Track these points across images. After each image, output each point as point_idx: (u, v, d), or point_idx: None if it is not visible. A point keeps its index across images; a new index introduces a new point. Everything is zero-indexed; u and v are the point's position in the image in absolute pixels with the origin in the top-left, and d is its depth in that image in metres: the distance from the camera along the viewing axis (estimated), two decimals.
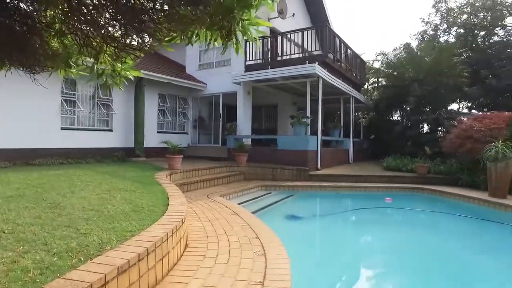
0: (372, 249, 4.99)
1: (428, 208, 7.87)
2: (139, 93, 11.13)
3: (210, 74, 13.73)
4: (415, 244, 5.26)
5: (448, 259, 4.77)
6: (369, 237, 5.45)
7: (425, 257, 4.74)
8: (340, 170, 11.21)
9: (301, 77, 11.29)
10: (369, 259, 4.78)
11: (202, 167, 9.01)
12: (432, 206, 7.96)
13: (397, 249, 5.07)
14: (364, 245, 5.18)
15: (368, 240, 5.28)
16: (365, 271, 4.54)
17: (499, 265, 4.47)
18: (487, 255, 4.93)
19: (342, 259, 4.84)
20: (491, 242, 5.59)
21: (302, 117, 10.93)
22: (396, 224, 6.42)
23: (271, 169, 10.19)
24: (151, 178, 6.32)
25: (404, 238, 5.64)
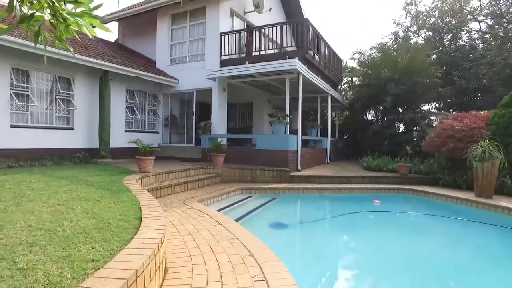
0: (372, 262, 4.48)
1: (418, 210, 7.54)
2: (104, 88, 10.09)
3: (182, 69, 12.87)
4: (417, 254, 4.82)
5: (456, 268, 4.38)
6: (366, 248, 4.91)
7: (429, 267, 4.31)
8: (321, 171, 10.78)
9: (281, 73, 10.75)
10: (371, 273, 4.26)
11: (176, 169, 8.20)
12: (421, 208, 7.66)
13: (399, 260, 4.61)
14: (362, 257, 4.64)
15: (366, 252, 4.76)
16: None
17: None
18: (498, 262, 4.60)
19: (340, 275, 4.30)
20: (497, 248, 5.30)
21: (282, 115, 10.38)
22: (392, 230, 5.95)
23: (250, 170, 9.56)
24: (119, 183, 5.47)
25: (404, 246, 5.20)
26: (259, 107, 15.85)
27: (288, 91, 10.78)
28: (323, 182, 9.54)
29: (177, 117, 13.74)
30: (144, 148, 7.05)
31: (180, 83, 12.90)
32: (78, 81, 9.93)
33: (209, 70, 11.32)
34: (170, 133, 13.54)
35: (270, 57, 11.21)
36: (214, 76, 11.23)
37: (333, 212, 6.81)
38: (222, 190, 7.78)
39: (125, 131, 11.69)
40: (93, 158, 9.91)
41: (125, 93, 11.72)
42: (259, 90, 14.55)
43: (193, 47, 12.89)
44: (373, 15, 49.72)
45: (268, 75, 11.15)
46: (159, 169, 8.13)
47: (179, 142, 13.43)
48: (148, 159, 6.98)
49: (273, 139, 10.14)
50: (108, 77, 10.14)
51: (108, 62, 9.92)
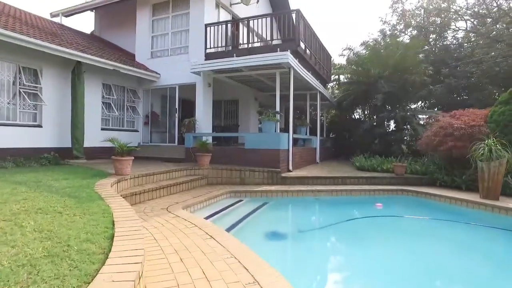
0: (385, 277, 3.85)
1: (423, 214, 6.95)
2: (77, 81, 9.12)
3: (164, 63, 11.98)
4: (430, 265, 4.24)
5: (475, 279, 3.81)
6: (377, 261, 4.27)
7: (446, 279, 3.75)
8: (314, 171, 10.18)
9: (271, 67, 10.06)
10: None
11: (158, 170, 7.38)
12: (426, 211, 7.09)
13: (412, 272, 4.00)
14: (374, 273, 4.01)
15: (377, 266, 4.12)
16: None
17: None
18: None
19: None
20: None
21: (272, 112, 9.70)
22: (402, 238, 5.28)
23: (239, 171, 8.83)
24: (90, 189, 4.63)
25: (417, 257, 4.60)
26: (245, 104, 15.13)
27: (278, 86, 10.11)
28: (317, 183, 8.95)
29: (158, 114, 12.85)
30: (121, 147, 6.20)
31: (161, 78, 12.01)
32: (46, 73, 8.91)
33: (193, 63, 10.51)
34: (151, 131, 12.63)
35: (259, 50, 10.52)
36: (199, 70, 10.43)
37: (333, 218, 6.16)
38: (209, 194, 7.02)
39: (102, 129, 10.71)
40: (65, 159, 8.94)
41: (101, 88, 10.75)
42: (245, 86, 13.84)
43: (176, 39, 12.03)
44: (359, 12, 49.81)
45: (256, 69, 10.45)
46: (139, 171, 7.28)
47: (160, 141, 12.55)
48: (125, 159, 6.14)
49: (263, 138, 9.45)
50: (82, 70, 9.17)
51: (81, 53, 8.95)
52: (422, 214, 6.85)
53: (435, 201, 7.47)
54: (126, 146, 6.23)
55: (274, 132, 9.54)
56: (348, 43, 33.10)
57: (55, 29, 10.72)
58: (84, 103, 9.36)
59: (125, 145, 6.24)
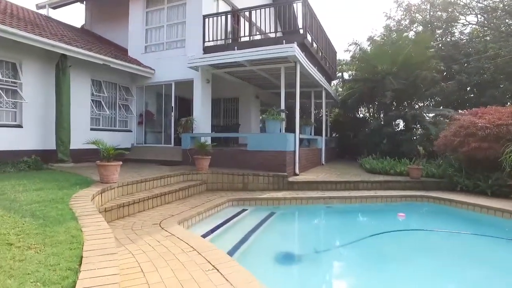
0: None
1: (453, 226, 5.93)
2: (61, 77, 8.24)
3: (159, 57, 11.11)
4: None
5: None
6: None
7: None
8: (321, 175, 9.36)
9: (275, 62, 9.23)
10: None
11: (151, 176, 6.52)
12: (455, 222, 6.21)
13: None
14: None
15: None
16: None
17: None
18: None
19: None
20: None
21: (277, 111, 8.87)
22: (439, 259, 4.40)
23: (241, 176, 7.98)
24: (64, 204, 3.78)
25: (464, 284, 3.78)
26: (245, 102, 14.28)
27: (283, 82, 9.28)
28: (327, 188, 8.14)
29: (153, 113, 11.98)
30: (107, 150, 5.34)
31: (156, 74, 11.15)
32: (26, 67, 8.03)
33: (191, 57, 9.64)
34: (145, 131, 11.76)
35: (262, 43, 9.67)
36: (197, 64, 9.57)
37: (352, 233, 5.33)
38: (209, 204, 6.17)
39: (91, 130, 9.84)
40: (48, 162, 8.07)
41: (90, 85, 9.87)
42: (246, 83, 12.99)
43: (171, 32, 11.16)
44: (361, 7, 48.88)
45: (260, 63, 9.60)
46: (129, 176, 6.43)
47: (155, 142, 11.68)
48: (112, 165, 5.28)
49: (268, 139, 8.60)
50: (67, 64, 8.28)
51: (66, 44, 8.07)
52: (451, 226, 5.99)
53: (462, 209, 6.65)
54: (113, 149, 5.36)
55: (280, 133, 8.71)
56: (354, 38, 31.78)
57: (39, 21, 9.83)
58: (70, 100, 8.49)
59: (112, 148, 5.38)
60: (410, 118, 12.90)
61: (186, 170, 7.88)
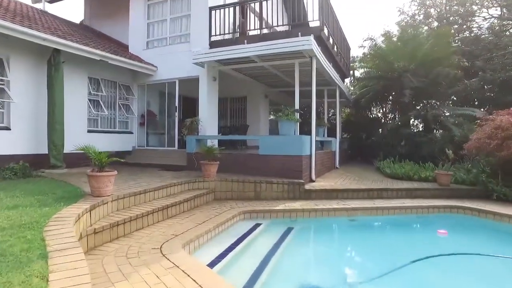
0: None
1: (507, 248, 5.11)
2: (54, 74, 7.47)
3: (162, 54, 10.31)
4: None
5: None
6: None
7: None
8: (339, 181, 8.51)
9: (289, 57, 8.40)
10: None
11: (151, 187, 5.71)
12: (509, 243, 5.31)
13: None
14: None
15: None
16: None
17: None
18: None
19: None
20: None
21: (292, 111, 8.04)
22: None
23: (253, 183, 7.15)
24: (37, 230, 2.97)
25: None
26: (254, 102, 13.46)
27: (297, 79, 8.46)
28: (348, 197, 7.31)
29: (155, 113, 11.19)
30: (99, 159, 4.53)
31: (159, 71, 10.36)
32: (15, 63, 7.26)
33: (196, 52, 8.83)
34: (147, 133, 10.98)
35: (273, 36, 8.83)
36: (202, 59, 8.75)
37: (388, 256, 4.47)
38: (218, 218, 5.35)
39: (88, 132, 9.08)
40: (40, 168, 7.32)
41: (87, 83, 9.10)
42: (255, 81, 12.17)
43: (175, 26, 10.36)
44: (372, 2, 47.54)
45: (271, 59, 8.78)
46: (127, 186, 5.63)
47: (158, 145, 10.89)
48: (104, 176, 4.47)
49: (282, 142, 7.77)
50: (60, 59, 7.51)
51: (58, 38, 7.29)
52: (505, 248, 5.08)
53: (510, 225, 5.76)
54: (106, 157, 4.55)
55: (295, 135, 7.88)
56: (369, 33, 30.32)
57: (32, 14, 9.08)
58: (64, 100, 7.72)
59: (106, 155, 4.57)
60: (431, 118, 12.00)
61: (191, 177, 7.07)
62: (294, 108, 8.26)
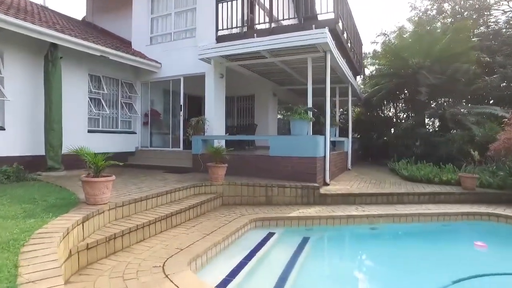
0: None
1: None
2: (51, 70, 7.00)
3: (166, 50, 9.82)
4: None
5: None
6: None
7: None
8: (355, 184, 7.95)
9: (301, 51, 7.87)
10: None
11: (154, 192, 5.21)
12: None
13: None
14: None
15: None
16: None
17: None
18: None
19: None
20: None
21: (304, 109, 7.50)
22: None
23: (264, 187, 6.62)
24: (14, 252, 2.46)
25: None
26: (262, 100, 12.92)
27: (310, 76, 7.92)
28: (366, 202, 6.76)
29: (160, 112, 10.71)
30: (95, 162, 4.03)
31: (163, 68, 9.87)
32: (9, 59, 6.80)
33: (202, 47, 8.32)
34: (151, 133, 10.49)
35: (284, 30, 8.28)
36: (209, 55, 8.24)
37: (421, 274, 3.91)
38: (227, 227, 4.83)
39: (88, 132, 8.62)
40: (37, 170, 6.86)
41: (87, 80, 8.63)
42: (263, 79, 11.64)
43: (180, 20, 9.86)
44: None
45: (282, 54, 8.25)
46: (126, 192, 5.14)
47: (162, 145, 10.40)
48: (101, 182, 3.98)
49: (295, 142, 7.23)
50: (57, 55, 7.04)
51: (55, 32, 6.82)
52: None
53: None
54: (102, 160, 4.05)
55: (309, 135, 7.35)
56: (382, 28, 29.29)
57: (31, 8, 8.65)
58: (63, 98, 7.25)
59: (102, 158, 4.06)
60: (449, 117, 11.37)
61: (197, 181, 6.56)
62: (307, 107, 7.72)
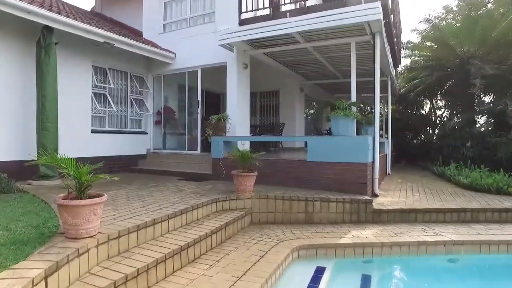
0: None
1: None
2: (45, 59, 5.83)
3: (182, 38, 8.58)
4: None
5: None
6: None
7: None
8: (410, 196, 6.50)
9: (342, 33, 6.49)
10: None
11: (166, 212, 3.91)
12: None
13: None
14: None
15: None
16: None
17: None
18: None
19: None
20: None
21: (349, 104, 6.11)
22: None
23: (303, 201, 5.25)
24: None
25: None
26: (288, 97, 11.55)
27: (354, 63, 6.59)
28: (431, 220, 5.37)
29: (174, 110, 9.48)
30: (76, 176, 2.76)
31: (178, 59, 8.63)
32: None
33: (224, 31, 7.01)
34: (164, 133, 9.27)
35: (322, 8, 6.88)
36: (232, 39, 6.92)
37: None
38: (265, 264, 3.49)
39: (92, 132, 7.45)
40: (28, 178, 5.71)
41: (91, 72, 7.47)
42: (289, 72, 10.29)
43: (197, 4, 8.62)
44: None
45: (318, 38, 6.89)
46: (127, 211, 3.87)
47: (177, 148, 9.16)
48: (86, 205, 2.71)
49: (340, 144, 5.82)
50: (52, 40, 5.86)
51: (48, 12, 5.65)
52: None
53: None
54: (87, 176, 2.77)
55: (359, 136, 5.97)
56: (426, 13, 26.62)
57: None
58: (59, 91, 6.08)
59: (86, 170, 2.78)
60: None
61: (220, 193, 5.25)
62: (350, 101, 6.33)
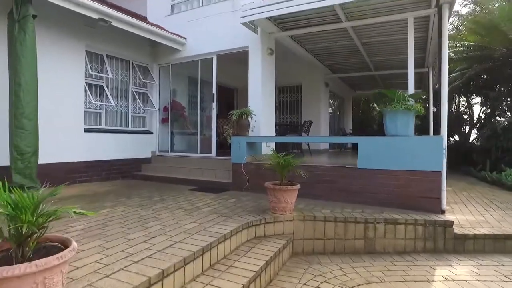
0: None
1: None
2: (19, 36, 4.51)
3: (193, 19, 7.25)
4: None
5: None
6: None
7: None
8: (485, 213, 5.10)
9: (397, 8, 5.12)
10: None
11: (178, 252, 2.58)
12: None
13: None
14: None
15: None
16: None
17: None
18: None
19: None
20: None
21: (411, 95, 4.74)
22: None
23: (362, 223, 3.89)
24: None
25: None
26: (311, 92, 10.18)
27: (412, 44, 5.24)
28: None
29: (184, 106, 8.14)
30: (14, 217, 1.42)
31: (188, 45, 7.30)
32: None
33: (246, 6, 5.65)
34: (172, 133, 7.93)
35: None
36: (257, 16, 5.54)
37: None
38: None
39: (85, 131, 6.15)
40: None
41: (84, 58, 6.16)
42: (314, 63, 8.96)
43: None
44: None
45: (364, 15, 5.53)
46: (119, 249, 2.53)
47: (188, 150, 7.82)
48: (28, 274, 1.38)
49: (402, 147, 4.44)
50: (28, 11, 4.54)
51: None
52: None
53: None
54: (36, 209, 1.45)
55: (427, 136, 4.64)
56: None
57: None
58: (39, 79, 4.77)
59: (32, 203, 1.45)
60: None
61: (250, 214, 3.89)
62: (413, 93, 4.96)
